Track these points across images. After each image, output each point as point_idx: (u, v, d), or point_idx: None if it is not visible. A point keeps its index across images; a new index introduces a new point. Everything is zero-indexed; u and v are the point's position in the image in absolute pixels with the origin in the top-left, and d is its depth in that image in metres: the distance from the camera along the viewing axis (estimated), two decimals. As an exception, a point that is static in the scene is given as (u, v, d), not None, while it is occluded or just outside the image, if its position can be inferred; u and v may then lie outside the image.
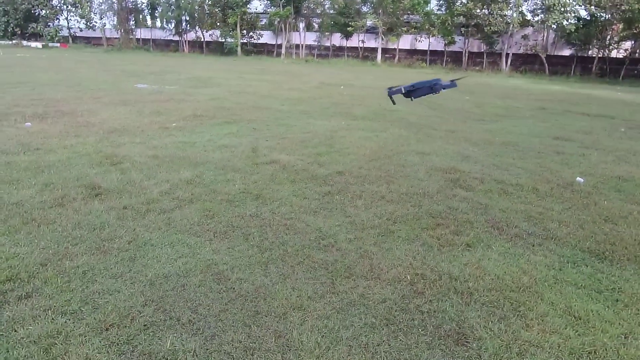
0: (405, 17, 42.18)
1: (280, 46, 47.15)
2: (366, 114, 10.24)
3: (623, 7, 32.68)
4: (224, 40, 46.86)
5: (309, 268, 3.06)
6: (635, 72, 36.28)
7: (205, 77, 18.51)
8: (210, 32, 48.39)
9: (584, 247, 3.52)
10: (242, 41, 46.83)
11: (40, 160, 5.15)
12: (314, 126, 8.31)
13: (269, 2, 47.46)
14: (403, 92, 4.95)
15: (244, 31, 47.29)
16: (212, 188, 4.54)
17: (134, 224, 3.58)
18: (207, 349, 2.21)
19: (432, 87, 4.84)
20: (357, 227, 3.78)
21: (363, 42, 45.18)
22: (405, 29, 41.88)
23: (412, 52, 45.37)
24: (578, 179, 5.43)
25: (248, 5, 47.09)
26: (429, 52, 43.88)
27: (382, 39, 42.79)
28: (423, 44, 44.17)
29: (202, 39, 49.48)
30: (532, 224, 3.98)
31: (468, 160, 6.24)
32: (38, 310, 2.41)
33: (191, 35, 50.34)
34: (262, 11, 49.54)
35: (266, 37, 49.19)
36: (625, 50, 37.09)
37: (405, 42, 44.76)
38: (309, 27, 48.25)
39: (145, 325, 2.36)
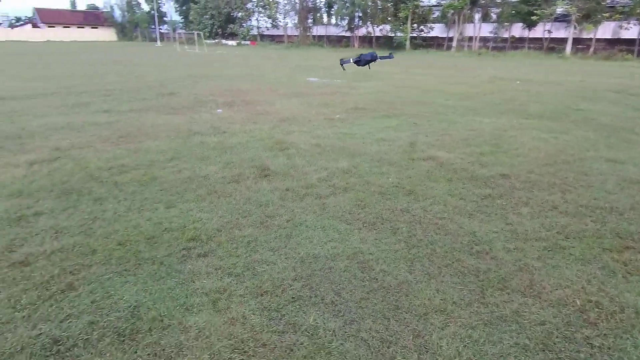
0: (608, 0, 35.81)
1: (451, 39, 45.18)
2: (544, 112, 9.08)
3: None
4: (393, 34, 47.13)
5: (457, 272, 2.88)
6: None
7: (370, 71, 18.92)
8: (380, 27, 49.21)
9: None
10: (411, 35, 46.38)
11: (225, 141, 6.02)
12: (480, 124, 7.74)
13: (443, -7, 45.80)
14: (352, 61, 7.33)
15: (415, 25, 46.70)
16: (366, 179, 4.64)
17: (293, 205, 3.90)
18: (345, 332, 2.27)
19: (371, 58, 7.61)
20: (518, 237, 3.40)
21: (549, 32, 40.02)
22: (607, 14, 35.57)
23: (614, 42, 38.28)
24: None
25: (421, -1, 46.31)
26: (638, 42, 36.42)
27: (575, 27, 37.19)
28: (631, 32, 36.86)
29: (372, 34, 50.64)
30: None
31: (680, 173, 5.00)
32: (211, 268, 2.83)
33: (362, 31, 51.99)
34: (435, 4, 48.13)
35: (437, 30, 47.67)
36: None
37: (605, 30, 38.03)
38: (485, 18, 44.96)
39: (293, 297, 2.55)
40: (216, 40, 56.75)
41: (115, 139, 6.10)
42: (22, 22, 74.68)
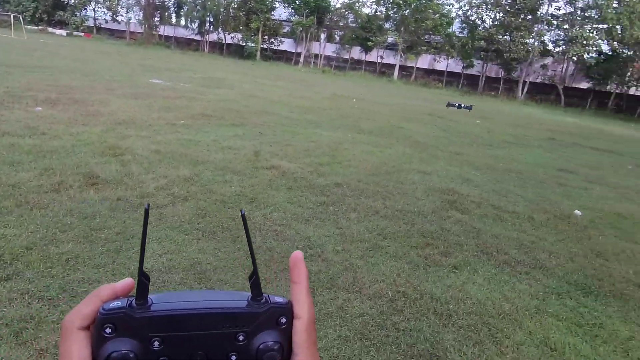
0: (426, 36, 42.46)
1: (299, 54, 47.64)
2: (373, 128, 10.27)
3: (645, 45, 32.60)
4: (244, 44, 47.46)
5: (291, 275, 3.06)
6: (653, 110, 36.09)
7: (219, 78, 18.74)
8: (232, 34, 49.05)
9: (570, 280, 3.49)
10: (262, 46, 47.39)
11: (43, 144, 5.24)
12: (320, 136, 8.35)
13: (293, 10, 48.09)
14: (455, 105, 14.05)
15: (266, 37, 47.88)
16: (208, 188, 4.58)
17: (125, 216, 3.62)
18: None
19: (463, 107, 16.84)
20: (346, 240, 3.78)
21: (382, 57, 45.47)
22: (425, 48, 42.14)
23: (430, 72, 45.55)
24: (576, 212, 5.38)
25: (272, 12, 47.74)
26: (446, 73, 44.00)
27: (401, 56, 43.04)
28: (441, 64, 44.35)
29: (224, 41, 50.16)
30: (522, 252, 3.94)
31: (468, 183, 6.21)
32: (15, 293, 2.43)
33: (213, 36, 51.04)
34: (285, 19, 50.21)
35: (286, 45, 49.76)
36: (644, 88, 36.90)
37: (423, 61, 44.98)
38: (330, 38, 48.73)
39: (118, 316, 2.37)
40: (40, 27, 48.74)
41: None
42: None
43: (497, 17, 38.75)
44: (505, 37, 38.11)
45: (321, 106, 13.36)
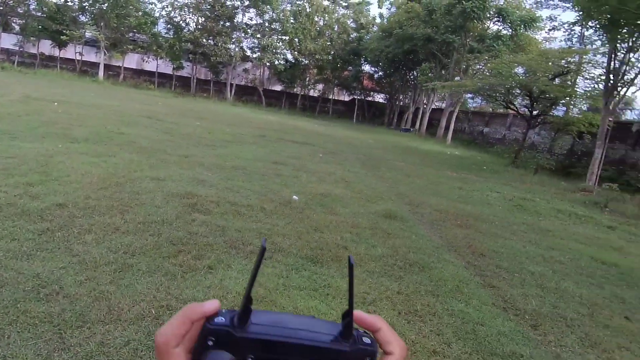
0: (131, 34, 40.04)
1: (-43, 44, 36.49)
2: (89, 135, 9.17)
3: (317, 56, 41.02)
4: None
5: (27, 326, 2.55)
6: (325, 108, 46.19)
7: None
8: None
9: (302, 255, 4.25)
10: None
11: None
12: (20, 149, 6.86)
13: None
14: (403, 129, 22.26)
15: None
16: None
17: None
18: None
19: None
20: (87, 267, 3.38)
21: (81, 54, 40.12)
22: (131, 47, 39.70)
23: (140, 72, 43.47)
24: (294, 197, 6.48)
25: None
26: (157, 74, 42.94)
27: (105, 54, 39.16)
28: (151, 65, 42.95)
29: None
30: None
31: (203, 184, 6.48)
32: None
33: None
34: None
35: None
36: (319, 90, 46.63)
37: (131, 60, 42.47)
38: (6, 27, 39.35)
39: None
40: None
41: None
42: None
43: (200, 22, 40.46)
44: (210, 41, 40.26)
45: (12, 112, 10.83)
